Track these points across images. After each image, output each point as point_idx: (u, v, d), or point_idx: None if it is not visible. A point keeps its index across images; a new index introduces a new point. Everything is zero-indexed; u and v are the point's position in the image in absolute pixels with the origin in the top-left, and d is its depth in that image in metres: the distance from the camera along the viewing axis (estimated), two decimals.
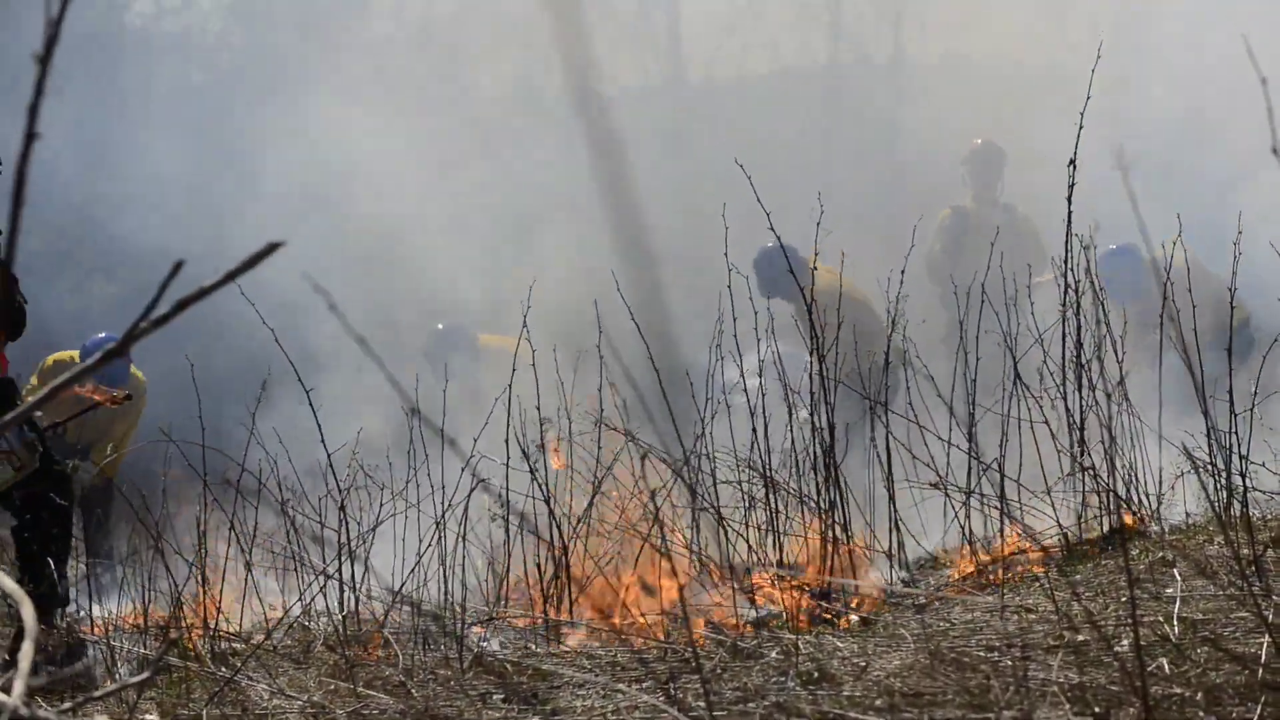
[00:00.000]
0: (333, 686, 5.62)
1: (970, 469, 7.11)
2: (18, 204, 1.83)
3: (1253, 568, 5.38)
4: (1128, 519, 6.97)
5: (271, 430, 7.93)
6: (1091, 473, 7.03)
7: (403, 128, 18.32)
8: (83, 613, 7.43)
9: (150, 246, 16.80)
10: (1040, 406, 7.27)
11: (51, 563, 6.76)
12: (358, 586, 6.78)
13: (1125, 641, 4.71)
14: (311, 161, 17.08)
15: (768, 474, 7.06)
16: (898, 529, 7.08)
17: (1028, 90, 13.17)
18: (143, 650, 6.85)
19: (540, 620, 6.67)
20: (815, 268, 7.35)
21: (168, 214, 17.54)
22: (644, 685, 5.09)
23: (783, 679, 4.91)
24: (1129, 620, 4.50)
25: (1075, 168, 6.85)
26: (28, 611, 2.35)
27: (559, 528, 6.81)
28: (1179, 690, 4.06)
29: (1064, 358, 7.20)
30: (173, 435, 7.51)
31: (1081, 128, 6.70)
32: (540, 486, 6.82)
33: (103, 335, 11.59)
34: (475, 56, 21.30)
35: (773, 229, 6.96)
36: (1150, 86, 11.13)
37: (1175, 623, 4.82)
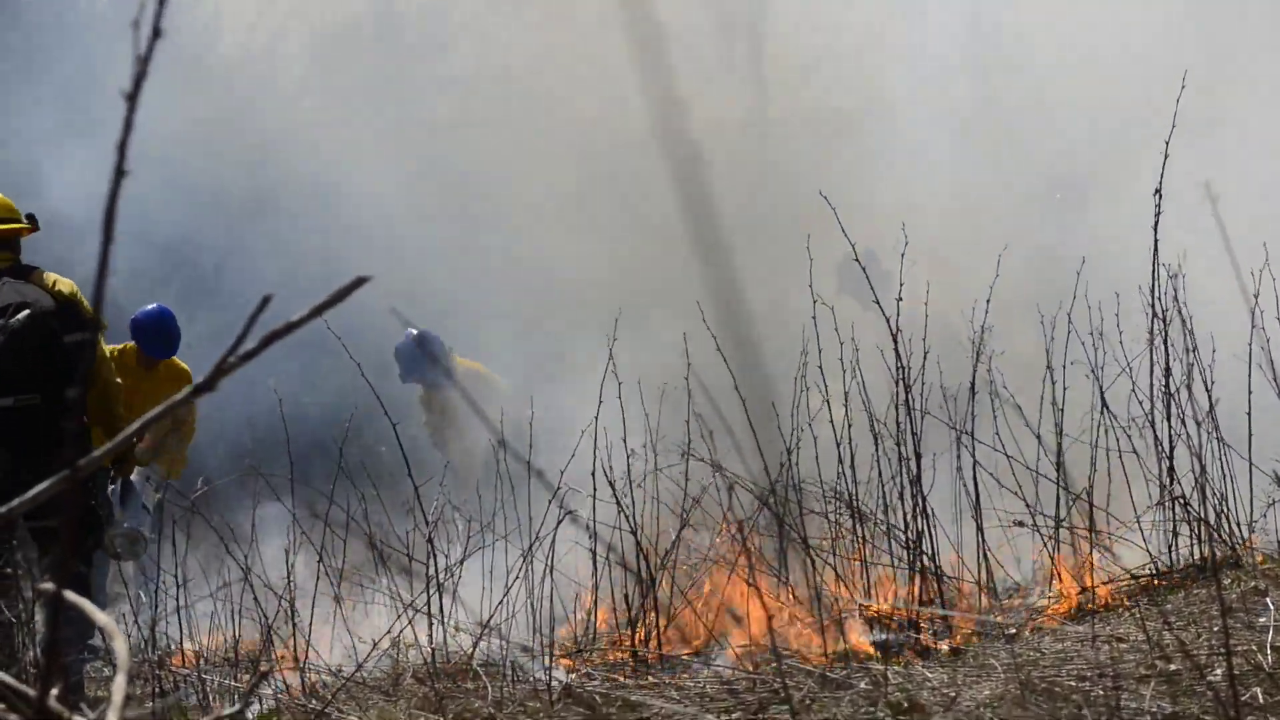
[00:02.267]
0: (422, 718, 5.64)
1: (1059, 498, 7.07)
2: (107, 239, 1.84)
3: None
4: (1219, 548, 6.91)
5: (359, 464, 7.99)
6: (1182, 502, 6.97)
7: (479, 164, 18.41)
8: (174, 645, 7.50)
9: (237, 282, 16.97)
10: (1129, 435, 7.22)
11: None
12: (446, 619, 6.79)
13: (1218, 671, 4.67)
14: (396, 197, 17.20)
15: (855, 504, 7.05)
16: (986, 559, 7.04)
17: (1109, 121, 13.10)
18: (234, 683, 6.90)
19: (629, 652, 6.67)
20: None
21: (255, 251, 17.68)
22: (733, 716, 5.09)
23: (872, 709, 4.90)
24: (1222, 649, 4.47)
25: (1161, 197, 6.82)
26: (120, 645, 2.35)
27: (646, 559, 6.82)
28: None
29: (1152, 386, 7.15)
30: (261, 469, 7.57)
31: (1167, 157, 6.67)
32: (627, 518, 6.82)
33: (153, 306, 11.54)
34: (558, 96, 21.38)
35: (858, 260, 6.96)
36: (1242, 119, 11.04)
37: (1269, 652, 4.78)
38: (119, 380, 7.96)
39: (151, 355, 11.31)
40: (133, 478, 8.50)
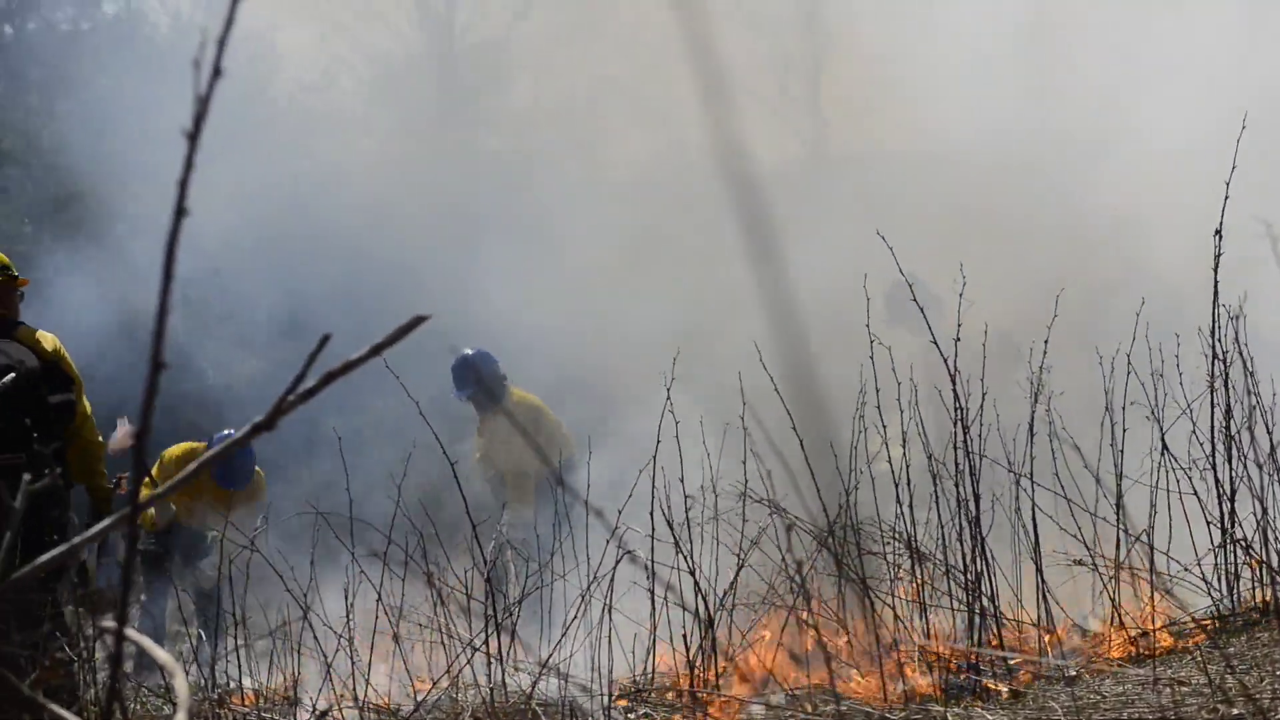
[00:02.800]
0: None
1: (1119, 541, 7.05)
2: (168, 278, 1.86)
3: None
4: None
5: (417, 501, 8.02)
6: (1243, 545, 6.94)
7: (537, 199, 18.48)
8: (234, 684, 7.54)
9: (295, 321, 17.08)
10: (1189, 477, 7.18)
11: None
12: (505, 658, 6.81)
13: None
14: (446, 232, 17.29)
15: (914, 545, 7.04)
16: (1046, 601, 7.01)
17: (1169, 160, 13.06)
18: None
19: (687, 692, 6.67)
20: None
21: (314, 291, 17.78)
22: None
23: None
24: None
25: (1221, 238, 6.80)
26: (180, 683, 2.36)
27: (705, 599, 6.81)
28: None
29: (1213, 428, 7.12)
30: (319, 507, 7.61)
31: (1228, 198, 6.66)
32: (686, 558, 6.82)
33: (227, 432, 11.69)
34: (617, 132, 21.45)
35: (915, 300, 6.96)
36: None
37: None
38: (101, 439, 8.02)
39: (222, 486, 11.50)
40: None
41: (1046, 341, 7.30)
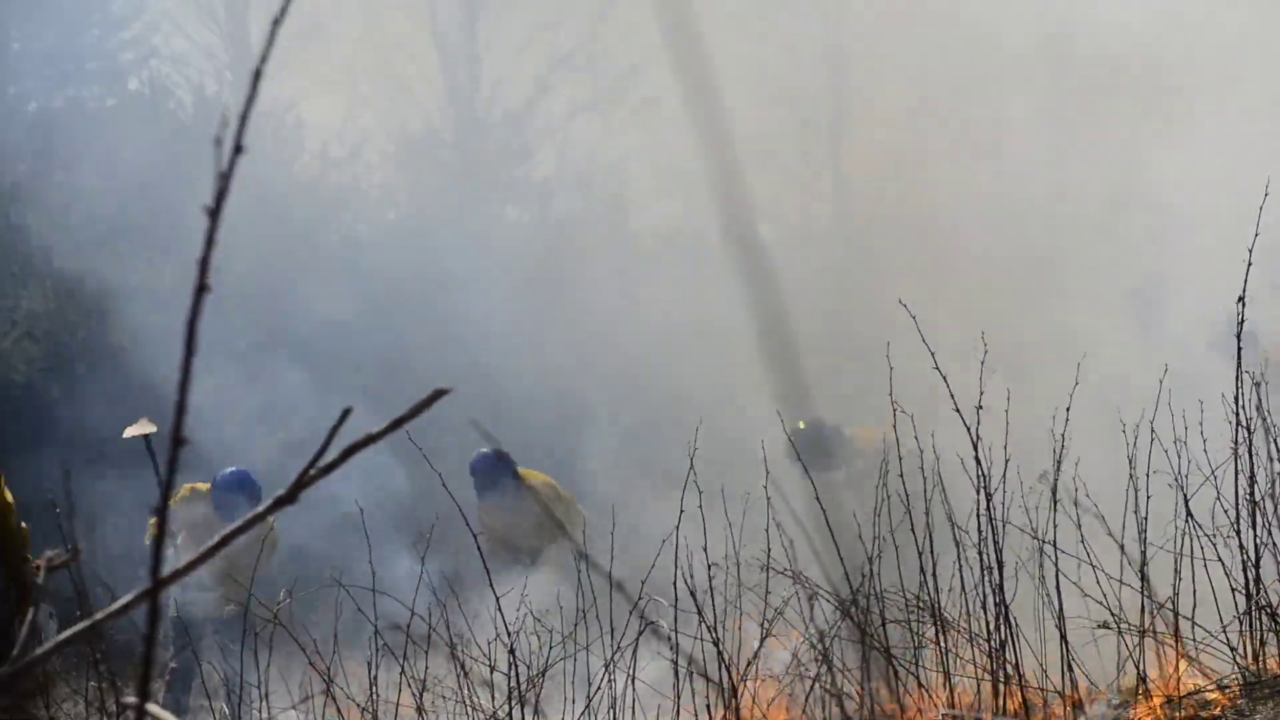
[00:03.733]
0: None
1: (1143, 607, 7.02)
2: (189, 354, 1.88)
3: None
4: None
5: (439, 573, 8.03)
6: (1269, 611, 6.91)
7: (562, 267, 18.56)
8: None
9: (313, 393, 17.11)
10: (1214, 544, 7.16)
11: None
12: None
13: None
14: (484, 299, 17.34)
15: (938, 612, 7.02)
16: (1071, 668, 6.98)
17: (1190, 227, 13.09)
18: None
19: None
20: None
21: (335, 364, 17.84)
22: None
23: None
24: None
25: (1244, 305, 6.80)
26: None
27: (728, 669, 6.80)
28: None
29: (1237, 495, 7.10)
30: (342, 580, 7.62)
31: (1250, 264, 6.66)
32: (709, 629, 6.81)
33: (231, 470, 11.61)
34: (637, 201, 21.53)
35: (937, 367, 6.96)
36: None
37: None
38: (25, 525, 7.97)
39: (227, 521, 11.37)
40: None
41: (1069, 409, 7.29)
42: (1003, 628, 6.81)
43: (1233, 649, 6.94)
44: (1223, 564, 7.12)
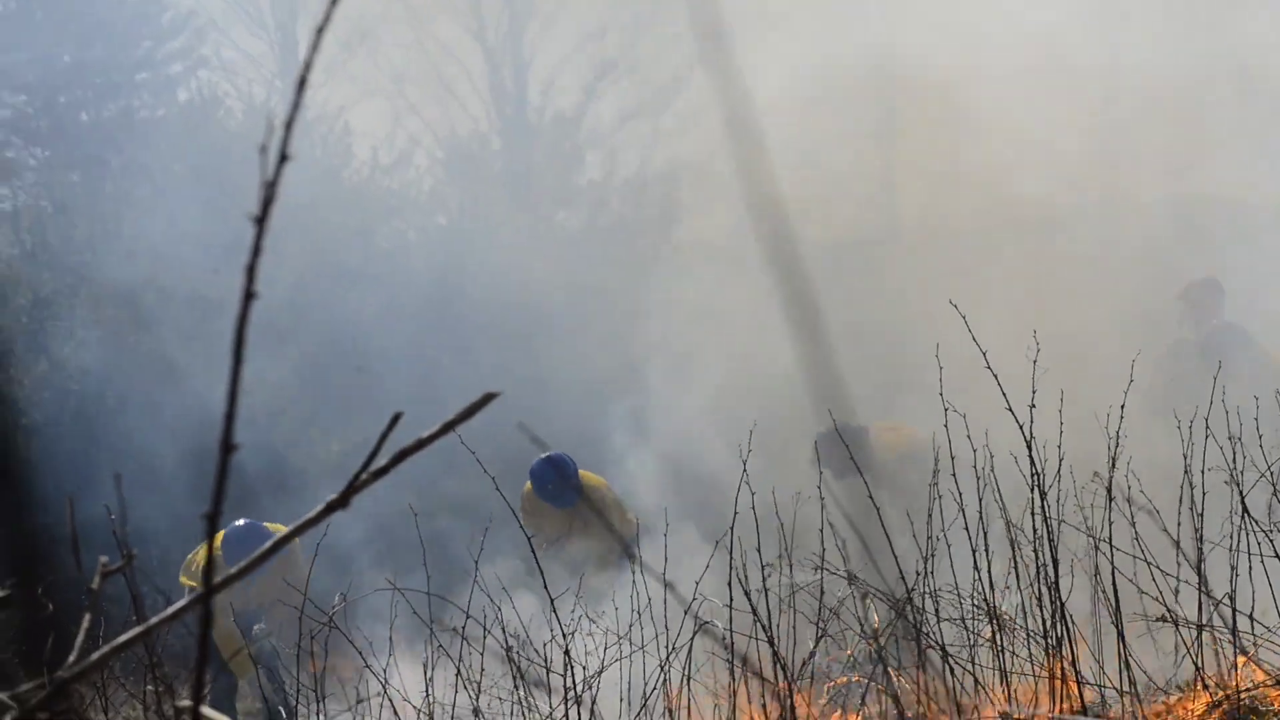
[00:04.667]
0: None
1: (1200, 603, 6.99)
2: (238, 361, 1.89)
3: None
4: None
5: (494, 575, 8.05)
6: None
7: (605, 275, 18.55)
8: None
9: (365, 400, 17.17)
10: (1271, 541, 7.13)
11: None
12: None
13: None
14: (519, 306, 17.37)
15: (993, 610, 7.00)
16: (1128, 665, 6.95)
17: (1243, 224, 13.03)
18: None
19: None
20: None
21: (384, 365, 17.89)
22: None
23: None
24: None
25: None
26: None
27: (784, 669, 6.80)
28: None
29: None
30: (397, 583, 7.65)
31: None
32: (764, 628, 6.81)
33: (241, 523, 11.48)
34: (686, 207, 21.53)
35: (989, 367, 6.94)
36: None
37: None
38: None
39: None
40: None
41: (1124, 407, 7.26)
42: (1059, 625, 6.79)
43: None
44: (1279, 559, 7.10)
